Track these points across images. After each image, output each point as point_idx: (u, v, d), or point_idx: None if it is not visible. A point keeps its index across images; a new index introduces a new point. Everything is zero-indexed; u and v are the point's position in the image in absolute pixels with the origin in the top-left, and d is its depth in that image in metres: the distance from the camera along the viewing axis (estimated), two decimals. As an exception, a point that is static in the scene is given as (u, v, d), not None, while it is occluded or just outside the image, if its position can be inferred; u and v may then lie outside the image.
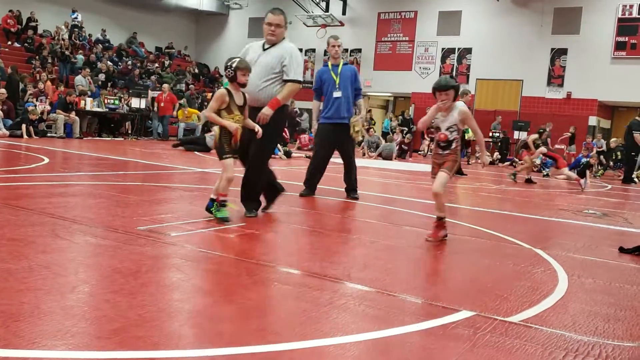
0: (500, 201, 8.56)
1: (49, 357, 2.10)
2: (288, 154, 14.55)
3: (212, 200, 4.97)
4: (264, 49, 5.29)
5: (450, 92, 4.67)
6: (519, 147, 13.05)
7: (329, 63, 7.33)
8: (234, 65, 4.79)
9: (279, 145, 14.99)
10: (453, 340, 2.55)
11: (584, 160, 14.30)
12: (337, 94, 7.17)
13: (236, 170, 4.94)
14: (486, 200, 8.51)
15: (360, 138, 6.95)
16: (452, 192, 9.53)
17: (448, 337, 2.58)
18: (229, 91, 4.85)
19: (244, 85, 4.86)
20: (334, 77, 7.22)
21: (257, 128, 4.92)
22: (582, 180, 11.43)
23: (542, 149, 12.23)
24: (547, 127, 19.63)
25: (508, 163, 14.11)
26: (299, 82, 5.28)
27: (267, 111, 5.08)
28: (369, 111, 25.00)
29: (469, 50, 22.85)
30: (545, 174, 14.35)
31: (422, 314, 2.89)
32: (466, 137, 12.73)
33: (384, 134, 20.26)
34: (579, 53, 20.82)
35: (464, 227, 5.81)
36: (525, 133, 20.05)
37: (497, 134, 20.23)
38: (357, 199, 7.08)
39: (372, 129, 21.37)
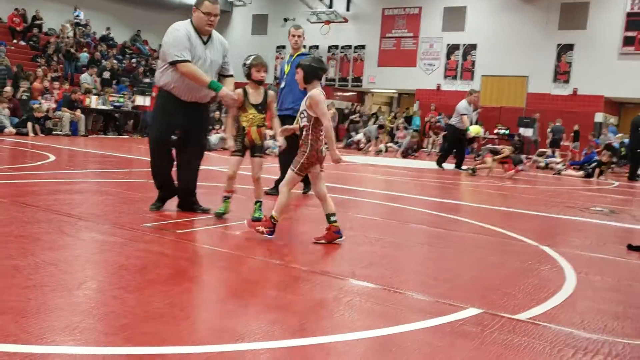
0: (506, 198, 8.54)
1: (58, 352, 2.11)
2: None
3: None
4: (204, 42, 4.88)
5: (299, 71, 4.27)
6: (486, 149, 12.85)
7: (287, 55, 6.97)
8: (247, 62, 4.76)
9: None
10: (461, 337, 2.54)
11: (596, 158, 14.22)
12: (282, 84, 6.82)
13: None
14: (491, 198, 8.49)
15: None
16: (458, 189, 9.52)
17: (455, 335, 2.57)
18: (245, 90, 4.81)
19: (260, 81, 4.80)
20: (286, 68, 6.86)
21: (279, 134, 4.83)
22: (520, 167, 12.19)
23: (506, 150, 12.34)
24: (557, 122, 19.62)
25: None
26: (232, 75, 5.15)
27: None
28: (379, 109, 24.92)
29: (473, 47, 22.77)
30: (556, 171, 14.30)
31: (429, 312, 2.88)
32: (472, 134, 12.60)
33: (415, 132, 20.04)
34: (585, 49, 20.72)
35: (470, 224, 5.79)
36: (531, 130, 20.01)
37: (503, 131, 20.15)
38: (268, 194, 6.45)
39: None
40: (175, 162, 5.06)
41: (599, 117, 20.90)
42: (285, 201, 4.30)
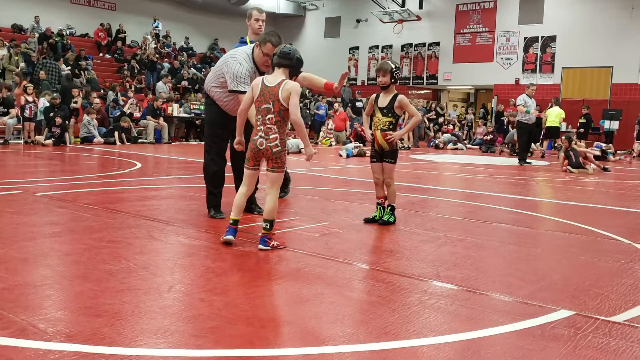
0: (594, 194, 8.16)
1: (151, 354, 2.19)
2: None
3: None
4: (260, 73, 4.80)
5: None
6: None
7: (247, 39, 5.87)
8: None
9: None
10: (553, 340, 2.45)
11: None
12: None
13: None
14: (578, 194, 8.14)
15: None
16: (540, 186, 9.18)
17: (547, 338, 2.48)
18: (377, 95, 5.09)
19: (381, 86, 5.01)
20: None
21: None
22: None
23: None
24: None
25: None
26: None
27: None
28: (455, 106, 24.47)
29: (553, 38, 21.91)
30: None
31: (517, 314, 2.79)
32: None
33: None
34: (675, 35, 19.48)
35: (556, 222, 5.58)
36: (617, 122, 19.06)
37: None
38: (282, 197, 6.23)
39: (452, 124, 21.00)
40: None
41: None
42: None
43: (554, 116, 16.00)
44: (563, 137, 12.75)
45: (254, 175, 4.05)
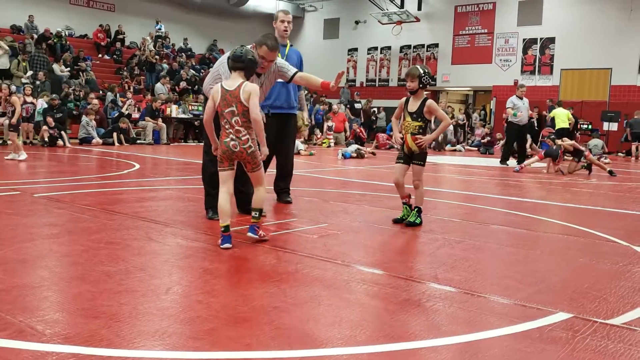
0: (592, 196, 8.17)
1: (149, 357, 2.18)
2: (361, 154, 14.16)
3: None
4: (258, 75, 4.80)
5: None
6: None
7: None
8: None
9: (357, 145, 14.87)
10: (551, 343, 2.45)
11: None
12: None
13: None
14: (576, 196, 8.14)
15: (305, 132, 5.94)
16: (537, 188, 9.19)
17: (545, 341, 2.48)
18: (407, 98, 5.08)
19: (410, 91, 5.04)
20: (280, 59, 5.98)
21: None
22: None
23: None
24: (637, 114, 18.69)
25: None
26: None
27: None
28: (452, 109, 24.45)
29: (551, 40, 21.94)
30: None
31: (515, 316, 2.79)
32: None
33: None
34: (674, 36, 19.50)
35: (554, 224, 5.58)
36: (616, 124, 19.10)
37: (585, 126, 19.27)
38: (290, 202, 6.11)
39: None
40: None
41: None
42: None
43: (564, 117, 15.86)
44: (546, 138, 12.75)
45: (231, 175, 4.13)
